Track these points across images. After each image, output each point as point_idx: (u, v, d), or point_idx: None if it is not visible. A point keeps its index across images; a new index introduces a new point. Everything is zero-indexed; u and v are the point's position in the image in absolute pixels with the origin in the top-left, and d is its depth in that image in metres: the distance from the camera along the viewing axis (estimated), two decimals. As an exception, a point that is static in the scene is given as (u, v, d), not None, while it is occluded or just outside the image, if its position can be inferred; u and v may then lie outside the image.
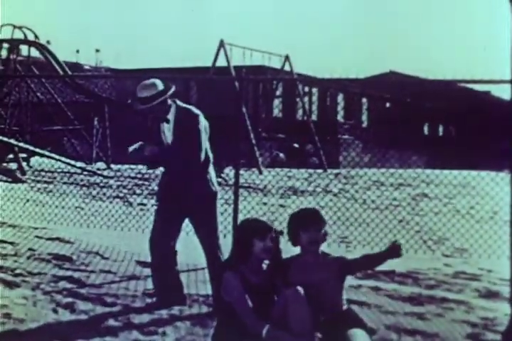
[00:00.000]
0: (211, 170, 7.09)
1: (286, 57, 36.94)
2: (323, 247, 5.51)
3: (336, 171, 29.54)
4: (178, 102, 7.01)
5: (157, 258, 7.03)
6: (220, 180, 21.83)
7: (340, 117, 44.68)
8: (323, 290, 5.26)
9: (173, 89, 6.91)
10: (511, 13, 4.99)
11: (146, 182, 19.61)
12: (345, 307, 5.38)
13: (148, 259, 8.46)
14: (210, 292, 7.22)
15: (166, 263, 7.04)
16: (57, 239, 9.96)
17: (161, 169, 7.23)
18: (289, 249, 5.51)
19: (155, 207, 7.27)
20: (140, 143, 6.87)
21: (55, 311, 6.69)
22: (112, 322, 6.45)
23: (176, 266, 7.10)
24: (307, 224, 5.33)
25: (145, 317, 6.66)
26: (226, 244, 6.96)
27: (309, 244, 5.33)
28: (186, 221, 7.10)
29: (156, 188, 17.37)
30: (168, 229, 6.99)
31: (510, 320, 5.16)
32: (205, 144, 6.98)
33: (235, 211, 8.98)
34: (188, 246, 7.24)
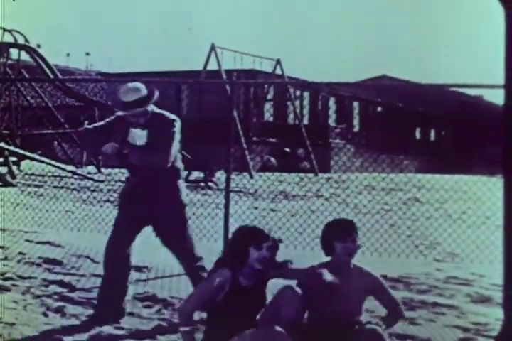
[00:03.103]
0: (182, 182, 6.75)
1: (278, 61, 36.97)
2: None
3: (327, 175, 29.58)
4: (154, 107, 6.62)
5: (111, 270, 6.65)
6: (211, 184, 21.86)
7: (331, 121, 44.75)
8: (346, 300, 5.28)
9: (157, 94, 6.53)
10: (505, 17, 4.99)
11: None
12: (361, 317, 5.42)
13: (139, 263, 8.46)
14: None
15: (120, 275, 6.69)
16: (48, 242, 9.92)
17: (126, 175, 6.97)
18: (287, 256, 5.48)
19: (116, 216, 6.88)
20: (112, 143, 6.52)
21: (45, 315, 6.65)
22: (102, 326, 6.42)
23: (127, 279, 6.75)
24: (344, 235, 5.34)
25: (135, 321, 6.63)
26: (217, 249, 6.94)
27: (344, 254, 5.34)
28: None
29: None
30: (126, 239, 6.65)
31: (502, 325, 5.14)
32: (177, 151, 6.61)
33: (226, 215, 8.97)
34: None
